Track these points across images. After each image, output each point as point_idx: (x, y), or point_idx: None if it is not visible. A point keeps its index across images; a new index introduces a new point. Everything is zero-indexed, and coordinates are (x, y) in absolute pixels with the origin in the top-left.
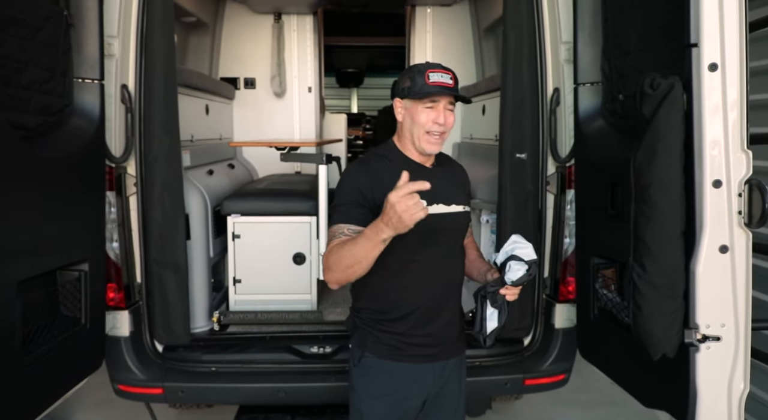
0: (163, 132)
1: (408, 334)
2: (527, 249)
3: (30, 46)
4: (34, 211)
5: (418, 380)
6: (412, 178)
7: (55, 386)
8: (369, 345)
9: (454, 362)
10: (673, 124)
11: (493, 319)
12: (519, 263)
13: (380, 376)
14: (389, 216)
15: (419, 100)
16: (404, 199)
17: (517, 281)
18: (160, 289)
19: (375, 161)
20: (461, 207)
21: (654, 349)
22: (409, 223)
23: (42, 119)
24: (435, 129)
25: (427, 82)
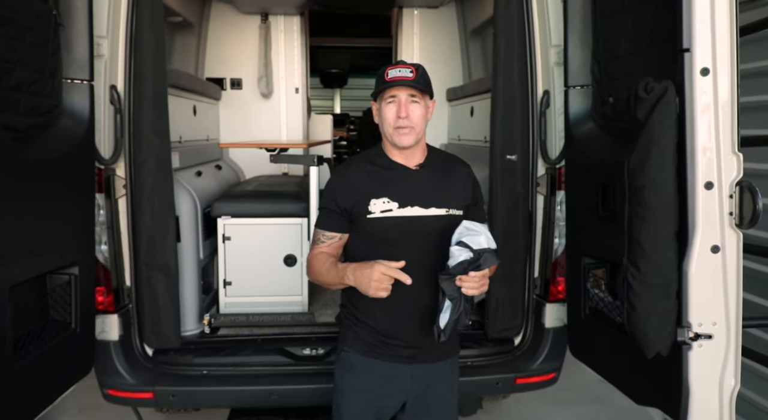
0: (152, 133)
1: (382, 333)
2: (478, 236)
3: (19, 46)
4: (25, 213)
5: (395, 380)
6: (389, 181)
7: (45, 392)
8: (349, 340)
9: (438, 366)
10: (667, 127)
11: (447, 312)
12: (461, 249)
13: (358, 372)
14: (362, 274)
15: (382, 97)
16: (383, 277)
17: (454, 268)
18: (149, 292)
19: (357, 166)
20: (443, 210)
21: (648, 347)
22: (369, 293)
23: (31, 120)
24: (400, 124)
25: (386, 79)
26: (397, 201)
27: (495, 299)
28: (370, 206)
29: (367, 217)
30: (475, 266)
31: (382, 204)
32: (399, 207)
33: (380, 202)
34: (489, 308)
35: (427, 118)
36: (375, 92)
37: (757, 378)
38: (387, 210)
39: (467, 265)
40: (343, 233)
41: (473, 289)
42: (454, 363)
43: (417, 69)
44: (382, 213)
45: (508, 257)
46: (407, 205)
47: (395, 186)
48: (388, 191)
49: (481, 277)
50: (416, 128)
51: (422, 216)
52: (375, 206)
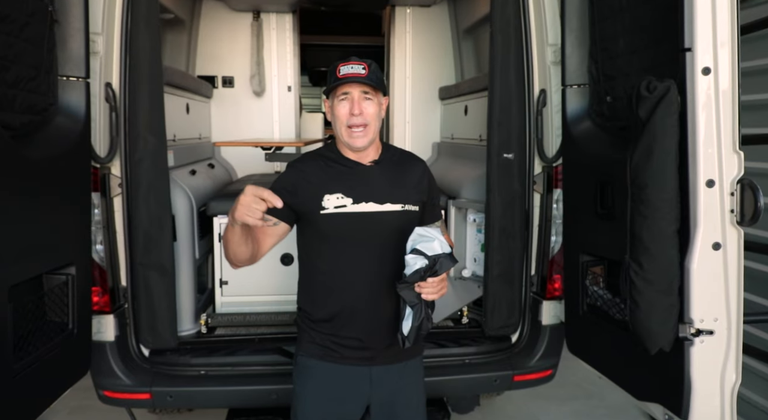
0: (148, 132)
1: (337, 335)
2: (431, 242)
3: (15, 42)
4: (23, 213)
5: (353, 383)
6: (343, 177)
7: (44, 394)
8: (304, 344)
9: (399, 369)
10: (669, 125)
11: (409, 319)
12: (416, 257)
13: (314, 377)
14: (234, 204)
15: (334, 94)
16: (251, 198)
17: (411, 277)
18: (146, 292)
19: (310, 160)
20: (398, 206)
21: (651, 343)
22: (237, 216)
23: (27, 118)
24: (353, 121)
25: (338, 76)
26: (351, 197)
27: (492, 297)
28: (324, 202)
29: (320, 213)
30: (432, 272)
31: (336, 200)
32: (353, 203)
33: (334, 197)
34: (486, 306)
35: (380, 116)
36: (327, 89)
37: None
38: (341, 206)
39: (423, 272)
40: (281, 220)
41: (432, 294)
42: (417, 364)
43: (369, 65)
44: (336, 209)
45: (506, 255)
46: (362, 201)
47: (349, 182)
48: (342, 187)
49: (439, 281)
50: (370, 126)
51: (377, 212)
52: (329, 202)
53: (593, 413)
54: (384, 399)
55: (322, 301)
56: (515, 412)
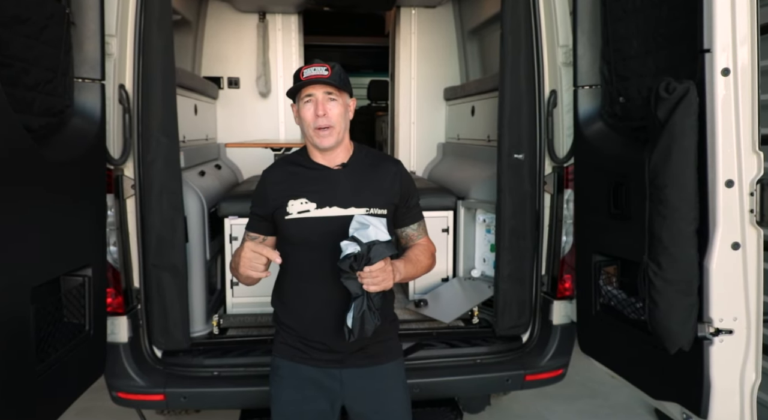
0: (161, 133)
1: (305, 338)
2: (367, 229)
3: (35, 45)
4: (44, 214)
5: (323, 384)
6: (309, 181)
7: (63, 395)
8: (277, 345)
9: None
10: (688, 126)
11: (351, 310)
12: (349, 244)
13: (286, 378)
14: (235, 259)
15: (299, 97)
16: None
17: (341, 263)
18: (158, 294)
19: (279, 167)
20: (363, 210)
21: (671, 343)
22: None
23: (45, 120)
24: (319, 123)
25: (301, 79)
26: (315, 202)
27: (503, 297)
28: (288, 207)
29: (285, 218)
30: (366, 260)
31: (300, 205)
32: (317, 208)
33: (298, 203)
34: (497, 306)
35: (347, 117)
36: (291, 93)
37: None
38: (304, 211)
39: (354, 258)
40: (266, 235)
41: (374, 286)
42: (394, 369)
43: (332, 67)
44: (299, 214)
45: (516, 255)
46: (325, 205)
47: (314, 186)
48: (306, 192)
49: (379, 271)
50: (336, 127)
51: (341, 216)
52: (293, 207)
53: (598, 412)
54: (358, 403)
55: (289, 304)
56: (522, 411)
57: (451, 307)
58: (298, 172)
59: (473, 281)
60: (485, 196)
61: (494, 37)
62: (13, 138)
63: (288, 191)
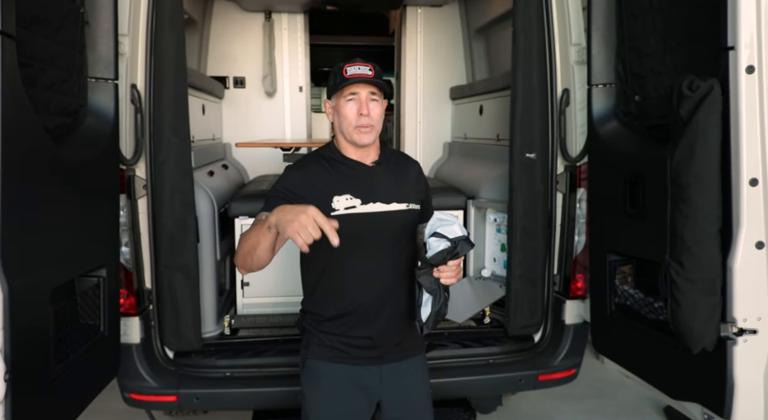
0: (172, 133)
1: (347, 335)
2: (452, 226)
3: (51, 45)
4: (62, 216)
5: (363, 383)
6: (350, 178)
7: (80, 397)
8: (312, 347)
9: (405, 366)
10: (712, 124)
11: (428, 305)
12: (438, 240)
13: (324, 379)
14: (291, 209)
15: (340, 94)
16: (312, 222)
17: (434, 258)
18: (170, 294)
19: (313, 162)
20: (404, 205)
21: (694, 343)
22: (289, 231)
23: (60, 120)
24: (362, 122)
25: (345, 76)
26: (359, 197)
27: (515, 297)
28: (334, 203)
29: (330, 214)
30: (453, 255)
31: (346, 201)
32: (362, 203)
33: (343, 198)
34: (509, 306)
35: (383, 118)
36: (331, 89)
37: None
38: (351, 206)
39: (446, 254)
40: None
41: (452, 279)
42: (422, 360)
43: (374, 67)
44: (347, 210)
45: (528, 255)
46: (370, 201)
47: (356, 182)
48: (349, 188)
49: (457, 265)
50: (376, 127)
51: (386, 211)
52: (338, 203)
53: (607, 411)
54: (393, 397)
55: (330, 303)
56: (530, 410)
57: (464, 307)
58: (335, 167)
59: (484, 281)
60: (495, 196)
61: (501, 36)
62: (34, 139)
63: (330, 186)
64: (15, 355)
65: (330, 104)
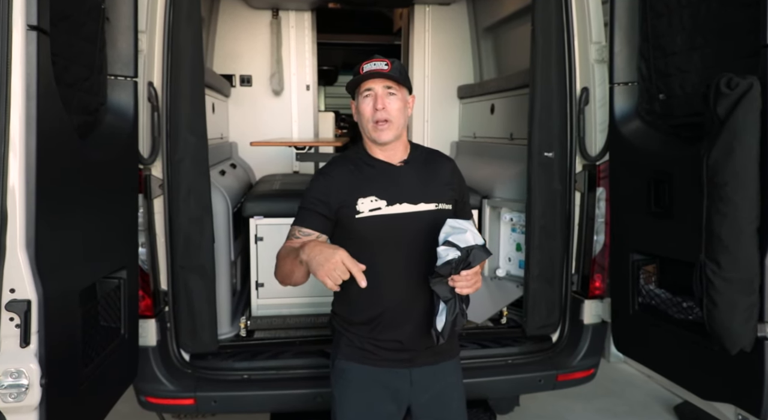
0: (189, 131)
1: (377, 338)
2: (464, 234)
3: (75, 41)
4: (88, 215)
5: (392, 386)
6: (375, 179)
7: (105, 400)
8: (342, 348)
9: (438, 370)
10: (751, 122)
11: (443, 314)
12: (447, 249)
13: (353, 380)
14: (321, 251)
15: (358, 92)
16: (341, 266)
17: (442, 269)
18: (186, 295)
19: (339, 166)
20: (432, 205)
21: (732, 343)
22: (318, 277)
23: (82, 119)
24: (378, 116)
25: (360, 73)
26: (385, 199)
27: (532, 297)
28: (358, 206)
29: (356, 217)
30: (465, 265)
31: (370, 202)
32: (388, 205)
33: (368, 200)
34: (527, 306)
35: (406, 113)
36: (351, 88)
37: None
38: (376, 208)
39: (455, 264)
40: (321, 233)
41: (467, 288)
42: (455, 365)
43: (392, 62)
44: (371, 212)
45: (546, 254)
46: (396, 202)
47: (381, 183)
48: (374, 189)
49: (473, 274)
50: (395, 122)
51: (412, 212)
52: (363, 205)
53: (616, 410)
54: (424, 401)
55: (359, 305)
56: (540, 410)
57: (482, 307)
58: (361, 169)
59: (499, 281)
60: (510, 195)
61: (510, 35)
62: (66, 138)
63: (355, 189)
64: (49, 360)
65: (354, 104)
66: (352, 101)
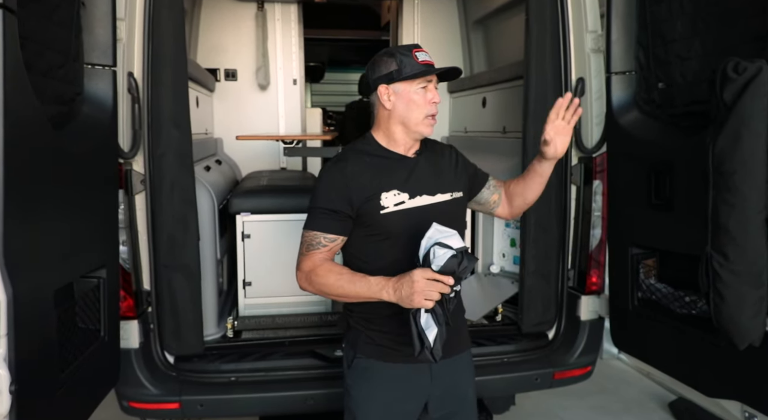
0: (172, 125)
1: (399, 333)
2: (453, 237)
3: (48, 26)
4: (63, 211)
5: (413, 381)
6: (393, 171)
7: (83, 406)
8: (361, 345)
9: (454, 361)
10: (760, 108)
11: (430, 324)
12: (444, 248)
13: (373, 378)
14: (402, 286)
15: (411, 81)
16: (428, 283)
17: (445, 266)
18: (170, 295)
19: (352, 159)
20: (448, 195)
21: (740, 338)
22: (416, 305)
23: (56, 109)
24: (433, 111)
25: (417, 62)
26: (406, 192)
27: (528, 293)
28: (382, 201)
29: (380, 213)
30: (462, 268)
31: (394, 197)
32: (410, 198)
33: (391, 194)
34: (522, 302)
35: None
36: (401, 75)
37: None
38: (400, 202)
39: (457, 265)
40: (344, 236)
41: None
42: (469, 357)
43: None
44: (396, 206)
45: (541, 249)
46: (416, 194)
47: (400, 176)
48: (395, 183)
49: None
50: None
51: (432, 204)
52: (387, 200)
53: (611, 408)
54: (440, 393)
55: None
56: (534, 409)
57: (477, 305)
58: (377, 161)
59: (493, 277)
60: None
61: (501, 27)
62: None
63: (376, 183)
64: (20, 364)
65: (389, 90)
66: (386, 86)
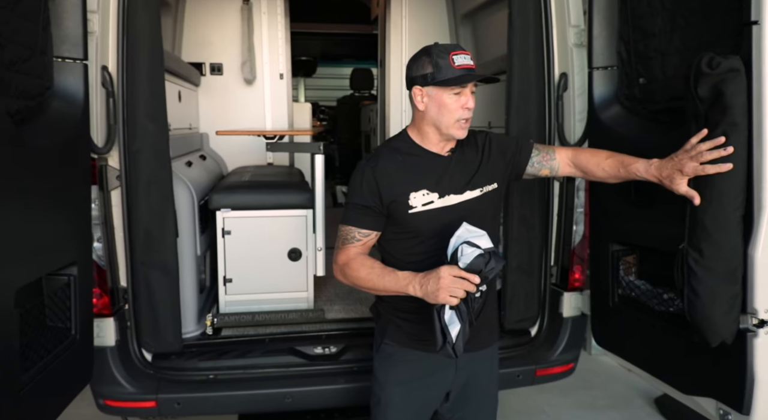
0: (148, 119)
1: (425, 323)
2: (482, 238)
3: (11, 18)
4: (27, 208)
5: (439, 370)
6: (424, 170)
7: (51, 406)
8: (389, 332)
9: (481, 355)
10: (738, 103)
11: (454, 321)
12: (472, 247)
13: (399, 364)
14: (428, 282)
15: (445, 87)
16: (454, 279)
17: (471, 265)
18: (147, 293)
19: (385, 157)
20: (477, 191)
21: (713, 335)
22: (440, 301)
23: (22, 104)
24: (466, 116)
25: (453, 66)
26: (436, 191)
27: (511, 289)
28: (411, 200)
29: (408, 212)
30: (488, 268)
31: (423, 196)
32: (439, 197)
33: (420, 194)
34: (504, 299)
35: None
36: (436, 79)
37: None
38: (428, 202)
39: (484, 264)
40: (378, 231)
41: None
42: (495, 351)
43: (471, 56)
44: (424, 206)
45: (524, 246)
46: (446, 194)
47: (431, 175)
48: (426, 183)
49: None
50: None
51: (461, 202)
52: (415, 200)
53: (597, 403)
54: (461, 384)
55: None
56: (520, 405)
57: None
58: (410, 160)
59: None
60: None
61: (489, 21)
62: None
63: (406, 182)
64: None
65: (423, 93)
66: (420, 88)
